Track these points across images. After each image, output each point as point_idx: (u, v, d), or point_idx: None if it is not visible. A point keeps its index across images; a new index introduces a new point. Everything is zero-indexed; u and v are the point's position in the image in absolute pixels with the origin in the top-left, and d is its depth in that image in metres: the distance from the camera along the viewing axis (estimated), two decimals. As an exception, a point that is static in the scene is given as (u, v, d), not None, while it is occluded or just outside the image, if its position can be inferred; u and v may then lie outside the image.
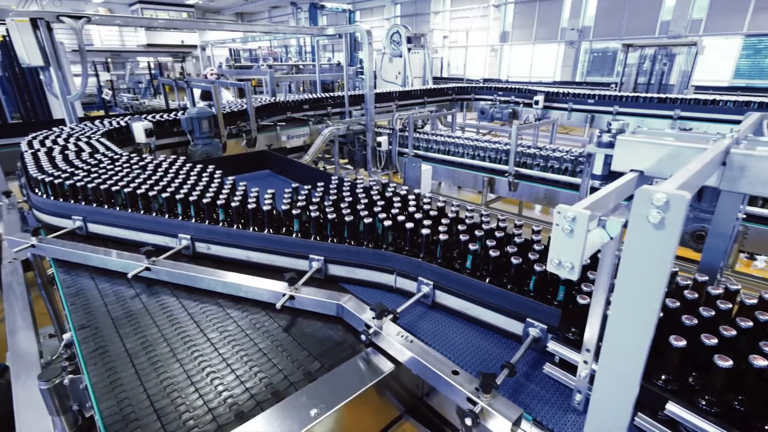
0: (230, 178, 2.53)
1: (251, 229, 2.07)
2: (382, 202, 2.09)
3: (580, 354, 1.23)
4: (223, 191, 2.25)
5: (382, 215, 1.91)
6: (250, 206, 2.06)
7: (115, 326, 1.66)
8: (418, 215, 1.92)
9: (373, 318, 1.54)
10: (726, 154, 1.05)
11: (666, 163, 1.17)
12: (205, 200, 2.12)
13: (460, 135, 6.11)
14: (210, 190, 2.28)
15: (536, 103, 7.62)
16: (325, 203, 2.12)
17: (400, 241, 1.90)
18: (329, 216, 1.93)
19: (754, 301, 1.23)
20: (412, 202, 2.12)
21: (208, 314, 1.75)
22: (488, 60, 19.71)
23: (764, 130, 1.45)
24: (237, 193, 2.26)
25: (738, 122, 1.52)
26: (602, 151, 1.29)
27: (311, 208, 2.05)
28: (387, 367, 1.46)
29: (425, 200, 2.14)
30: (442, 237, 1.72)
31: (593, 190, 1.28)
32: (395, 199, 2.16)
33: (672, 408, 1.10)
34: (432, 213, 1.98)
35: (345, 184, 2.46)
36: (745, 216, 3.23)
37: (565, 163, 4.33)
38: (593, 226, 0.92)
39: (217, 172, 2.66)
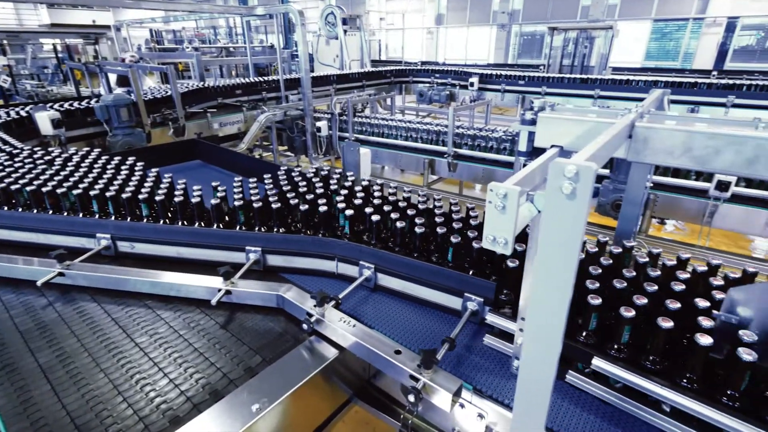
0: (154, 169, 2.34)
1: (180, 223, 1.94)
2: (322, 189, 2.04)
3: (515, 323, 1.30)
4: (146, 184, 2.07)
5: (322, 202, 1.87)
6: (177, 199, 1.93)
7: (25, 340, 1.49)
8: (358, 200, 1.90)
9: (315, 306, 1.51)
10: (632, 127, 1.13)
11: (582, 138, 1.24)
12: (124, 195, 1.95)
13: (400, 118, 6.13)
14: (130, 183, 2.10)
15: (471, 85, 7.83)
16: (267, 192, 2.03)
17: (340, 226, 1.87)
18: (268, 205, 1.85)
19: (646, 259, 1.38)
20: (350, 187, 2.10)
21: (136, 318, 1.62)
22: (425, 43, 19.86)
23: (665, 105, 1.60)
24: (162, 185, 2.10)
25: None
26: (526, 129, 1.34)
27: (247, 198, 1.95)
28: (331, 353, 1.45)
29: (363, 184, 2.13)
30: (382, 220, 1.72)
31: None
32: (332, 184, 2.12)
33: (596, 362, 1.20)
34: (371, 197, 1.97)
35: (281, 172, 2.37)
36: (652, 185, 3.57)
37: (497, 141, 4.51)
38: (522, 201, 0.95)
39: (139, 163, 2.45)
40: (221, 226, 1.90)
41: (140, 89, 4.69)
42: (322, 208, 1.81)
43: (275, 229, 1.86)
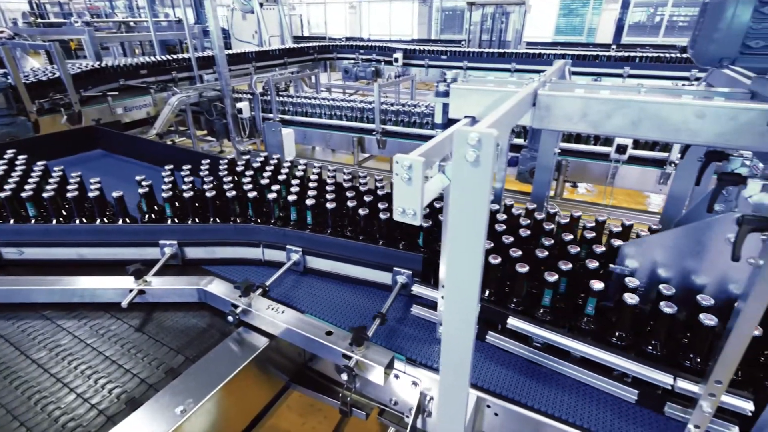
0: (40, 162, 2.05)
1: (78, 221, 1.73)
2: (241, 174, 1.93)
3: (439, 291, 1.34)
4: (30, 180, 1.81)
5: (246, 187, 1.77)
6: (71, 194, 1.71)
7: None
8: (279, 182, 1.82)
9: (240, 296, 1.44)
10: (535, 96, 1.18)
11: (492, 108, 1.28)
12: (2, 194, 1.68)
13: (326, 96, 5.97)
14: (10, 180, 1.82)
15: (396, 60, 7.81)
16: (176, 181, 1.86)
17: (264, 211, 1.79)
18: (184, 194, 1.71)
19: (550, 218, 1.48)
20: (270, 170, 2.00)
21: (31, 332, 1.43)
22: (348, 18, 19.40)
23: (566, 74, 1.70)
24: (51, 180, 1.84)
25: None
26: (440, 101, 1.35)
27: (158, 189, 1.78)
28: (261, 342, 1.40)
29: (284, 165, 2.05)
30: (307, 201, 1.66)
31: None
32: (254, 168, 2.01)
33: (511, 321, 1.28)
34: (294, 178, 1.90)
35: (195, 157, 2.20)
36: (560, 151, 3.85)
37: (420, 116, 4.56)
38: (434, 172, 0.96)
39: (21, 156, 2.13)
40: (128, 221, 1.73)
41: (17, 71, 4.04)
42: (244, 194, 1.71)
43: (186, 219, 1.73)
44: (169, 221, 1.74)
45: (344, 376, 1.21)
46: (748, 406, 1.02)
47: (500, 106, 1.00)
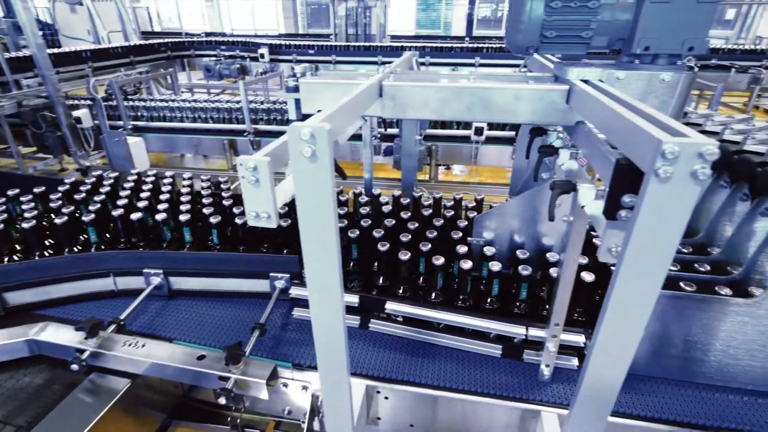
0: None
1: None
2: (77, 194, 1.63)
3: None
4: None
5: (79, 210, 1.50)
6: None
7: None
8: (126, 198, 1.59)
9: (86, 338, 1.23)
10: (380, 87, 1.22)
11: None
12: None
13: (187, 97, 5.42)
14: None
15: (262, 56, 7.45)
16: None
17: (111, 235, 1.55)
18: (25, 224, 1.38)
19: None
20: (112, 185, 1.75)
21: None
22: (206, 12, 17.92)
23: (413, 65, 1.80)
24: None
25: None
26: (291, 96, 1.31)
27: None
28: (120, 385, 1.22)
29: (129, 179, 1.80)
30: (161, 216, 1.48)
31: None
32: (93, 186, 1.73)
33: (389, 305, 1.33)
34: (138, 191, 1.68)
35: (10, 180, 1.80)
36: (422, 137, 4.12)
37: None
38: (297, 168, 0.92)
39: None
40: None
41: None
42: (84, 217, 1.45)
43: (45, 252, 1.41)
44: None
45: (222, 400, 1.12)
46: (580, 339, 1.22)
47: (343, 98, 1.01)
